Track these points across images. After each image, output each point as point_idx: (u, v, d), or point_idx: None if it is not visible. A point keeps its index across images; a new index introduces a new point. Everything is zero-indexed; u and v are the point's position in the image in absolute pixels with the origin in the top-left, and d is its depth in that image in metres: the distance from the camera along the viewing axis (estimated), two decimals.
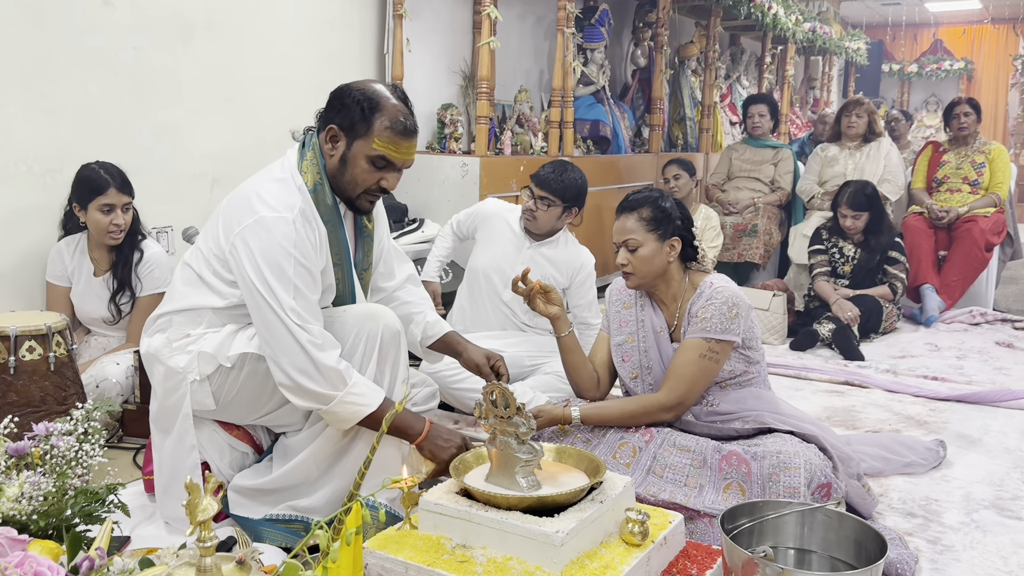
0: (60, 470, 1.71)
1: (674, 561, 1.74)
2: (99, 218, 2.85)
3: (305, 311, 1.92)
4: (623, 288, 2.47)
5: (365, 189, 2.04)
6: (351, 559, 1.38)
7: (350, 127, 2.00)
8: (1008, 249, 5.31)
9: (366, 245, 2.22)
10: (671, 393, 2.26)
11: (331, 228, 2.06)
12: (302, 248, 1.94)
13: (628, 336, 2.42)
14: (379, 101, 1.99)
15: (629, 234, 2.31)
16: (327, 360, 1.90)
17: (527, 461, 1.70)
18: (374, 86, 2.03)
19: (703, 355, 2.24)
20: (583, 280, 3.19)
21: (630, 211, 2.33)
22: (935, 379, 3.75)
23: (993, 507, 2.42)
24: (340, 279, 2.11)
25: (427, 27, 4.64)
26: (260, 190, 2.01)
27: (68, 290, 2.98)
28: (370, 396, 1.93)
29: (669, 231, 2.31)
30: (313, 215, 2.01)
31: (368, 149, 1.99)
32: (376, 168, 2.02)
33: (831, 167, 5.20)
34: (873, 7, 12.49)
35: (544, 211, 3.09)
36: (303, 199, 2.00)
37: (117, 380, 2.76)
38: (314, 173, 2.04)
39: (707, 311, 2.25)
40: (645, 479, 2.13)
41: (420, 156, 4.38)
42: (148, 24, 3.34)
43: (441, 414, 3.08)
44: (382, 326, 2.01)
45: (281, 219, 1.94)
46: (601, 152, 5.52)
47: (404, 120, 2.00)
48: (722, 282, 2.31)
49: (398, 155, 2.01)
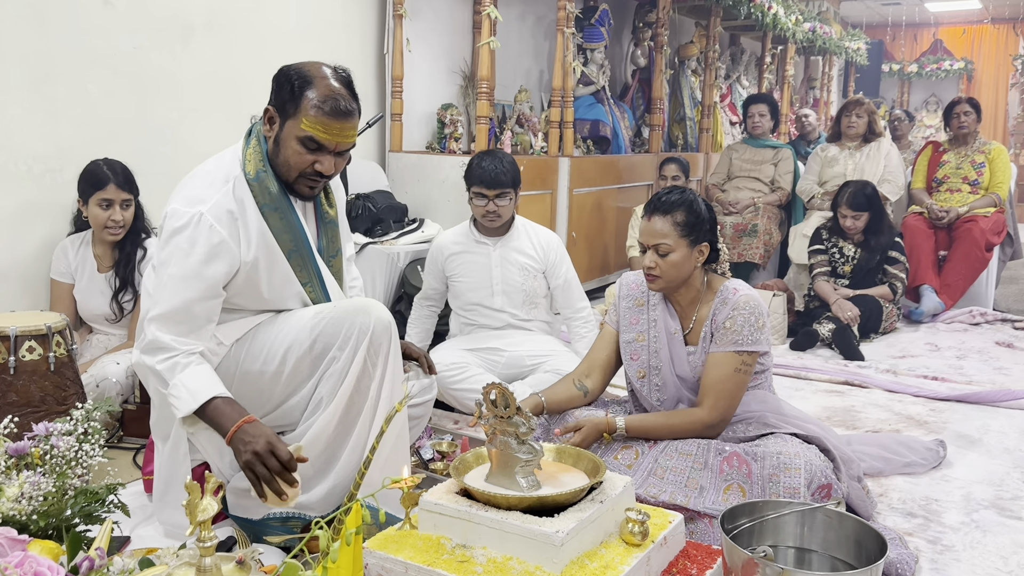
0: (60, 470, 1.72)
1: (674, 561, 1.74)
2: (97, 212, 2.87)
3: (168, 315, 1.91)
4: (634, 284, 2.43)
5: (300, 173, 1.97)
6: (351, 559, 1.38)
7: (282, 107, 1.94)
8: (1008, 249, 5.31)
9: (330, 231, 2.17)
10: (714, 411, 2.21)
11: (279, 216, 2.00)
12: (201, 242, 1.90)
13: (638, 335, 2.38)
14: (311, 79, 1.91)
15: (662, 238, 2.23)
16: (154, 361, 1.90)
17: (527, 461, 1.70)
18: (311, 65, 1.96)
19: (738, 369, 2.20)
20: (556, 258, 3.17)
21: (664, 214, 2.24)
22: (935, 379, 3.75)
23: (993, 507, 2.42)
24: (300, 266, 2.06)
25: (427, 27, 4.64)
26: (185, 182, 2.01)
27: (71, 287, 2.99)
28: (181, 404, 1.88)
29: (700, 236, 2.25)
30: (241, 207, 1.97)
31: (297, 129, 1.92)
32: (308, 150, 1.94)
33: (831, 167, 5.20)
34: (873, 7, 12.49)
35: (505, 205, 3.07)
36: (227, 191, 1.96)
37: (117, 380, 2.76)
38: (257, 160, 1.99)
39: (735, 322, 2.21)
40: (646, 480, 2.13)
41: (420, 156, 4.42)
42: (148, 24, 3.34)
43: (441, 414, 3.08)
44: (374, 319, 1.98)
45: (188, 212, 1.92)
46: (601, 152, 5.53)
47: (336, 99, 1.91)
48: (745, 289, 2.27)
49: (327, 136, 1.92)
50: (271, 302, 2.08)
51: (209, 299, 1.95)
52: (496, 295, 3.16)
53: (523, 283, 3.15)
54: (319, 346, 1.99)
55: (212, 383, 1.91)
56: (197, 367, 1.91)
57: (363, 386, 1.99)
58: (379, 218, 4.00)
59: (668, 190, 2.30)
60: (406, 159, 4.40)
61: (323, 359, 1.99)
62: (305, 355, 2.00)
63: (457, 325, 3.30)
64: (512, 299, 3.16)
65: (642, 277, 2.38)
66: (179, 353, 1.91)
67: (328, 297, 2.14)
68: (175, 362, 1.90)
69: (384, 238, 3.95)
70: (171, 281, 1.91)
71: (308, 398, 2.03)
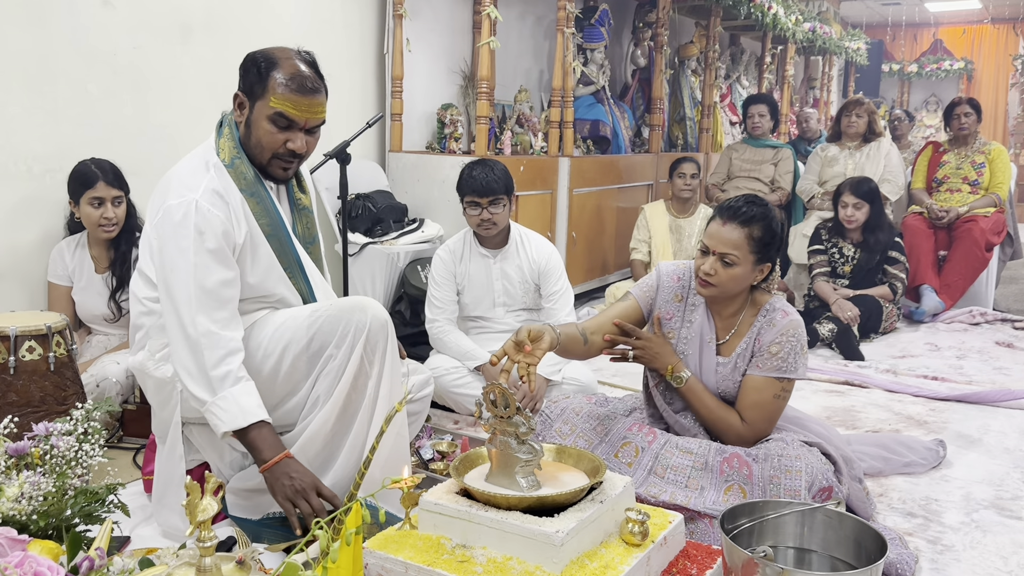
0: (60, 470, 1.71)
1: (674, 561, 1.74)
2: (90, 212, 2.86)
3: (204, 302, 1.90)
4: (675, 277, 2.33)
5: (274, 153, 2.01)
6: (351, 559, 1.38)
7: (250, 90, 1.99)
8: (1008, 249, 5.31)
9: (305, 218, 2.20)
10: (752, 430, 2.19)
11: (256, 200, 2.03)
12: (206, 228, 1.92)
13: (669, 331, 2.31)
14: (277, 60, 1.96)
15: (732, 249, 2.13)
16: (207, 361, 1.89)
17: (527, 461, 1.69)
18: (276, 48, 2.01)
19: (777, 395, 2.18)
20: (552, 267, 3.15)
21: (742, 224, 2.13)
22: (935, 379, 3.75)
23: (993, 507, 2.42)
24: (279, 250, 2.08)
25: (427, 27, 4.64)
26: (170, 177, 2.02)
27: (69, 289, 2.99)
28: (228, 417, 1.88)
29: (768, 256, 2.17)
30: (227, 189, 1.99)
31: (267, 108, 1.96)
32: (278, 128, 1.98)
33: (831, 167, 5.20)
34: (873, 7, 12.49)
35: (499, 212, 3.06)
36: (213, 176, 1.98)
37: (117, 380, 2.76)
38: (230, 148, 2.02)
39: (782, 348, 2.17)
40: (646, 479, 2.13)
41: (420, 156, 4.42)
42: (148, 24, 3.34)
43: (441, 414, 3.08)
44: (370, 316, 1.98)
45: (184, 203, 1.93)
46: (601, 152, 5.52)
47: (302, 77, 1.96)
48: (793, 313, 2.21)
49: (297, 112, 1.96)
50: (256, 287, 2.07)
51: (232, 276, 1.97)
52: (497, 306, 3.17)
53: (523, 296, 3.16)
54: (316, 344, 1.99)
55: (260, 405, 1.92)
56: (248, 383, 1.92)
57: (360, 384, 1.99)
58: (379, 218, 4.00)
59: (749, 199, 2.18)
60: (406, 159, 4.40)
61: (320, 357, 1.99)
62: (302, 353, 2.00)
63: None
64: (513, 310, 3.18)
65: (683, 270, 2.33)
66: (233, 355, 1.91)
67: (308, 283, 2.15)
68: (228, 371, 1.90)
69: (384, 238, 3.95)
70: (194, 270, 1.91)
71: (306, 398, 2.03)
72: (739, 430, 2.20)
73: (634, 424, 2.28)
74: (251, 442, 1.90)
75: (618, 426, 2.27)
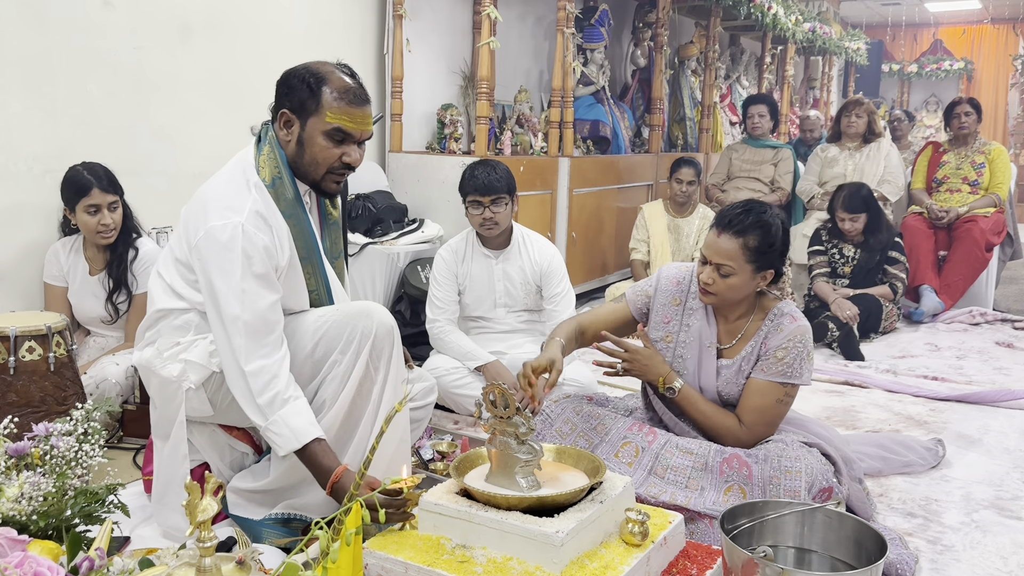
0: (60, 470, 1.71)
1: (674, 561, 1.74)
2: (87, 219, 2.84)
3: (252, 330, 1.88)
4: (675, 281, 2.33)
5: (329, 168, 2.00)
6: (351, 559, 1.38)
7: (301, 107, 1.97)
8: (1008, 249, 5.31)
9: (332, 233, 2.19)
10: (751, 434, 2.18)
11: (294, 223, 2.02)
12: (253, 252, 1.90)
13: (666, 335, 2.31)
14: (324, 75, 1.95)
15: (726, 260, 2.12)
16: (254, 388, 1.87)
17: (527, 461, 1.70)
18: (317, 63, 2.00)
19: (779, 400, 2.18)
20: (554, 269, 3.15)
21: (735, 235, 2.12)
22: (935, 379, 3.75)
23: (993, 507, 2.42)
24: (311, 274, 2.07)
25: (427, 27, 4.64)
26: (211, 195, 1.98)
27: (65, 290, 2.98)
28: (283, 441, 1.87)
29: (768, 263, 2.15)
30: (270, 212, 1.97)
31: (322, 124, 1.95)
32: (335, 143, 1.98)
33: (831, 167, 5.20)
34: (873, 7, 12.49)
35: (502, 212, 3.05)
36: (256, 197, 1.96)
37: (117, 380, 2.76)
38: (272, 167, 2.00)
39: (789, 353, 2.16)
40: (646, 480, 2.13)
41: (420, 156, 4.42)
42: (148, 24, 3.34)
43: (441, 414, 3.08)
44: (376, 323, 1.98)
45: (229, 225, 1.90)
46: (601, 152, 5.53)
47: (353, 89, 1.96)
48: (801, 319, 2.20)
49: (353, 125, 1.97)
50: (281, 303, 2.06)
51: (278, 298, 1.95)
52: (498, 307, 3.17)
53: (524, 297, 3.16)
54: (321, 350, 1.99)
55: (312, 422, 1.90)
56: (296, 402, 1.90)
57: (365, 390, 1.99)
58: (379, 218, 4.01)
59: (746, 207, 2.16)
60: (406, 159, 4.41)
61: (325, 362, 1.99)
62: (307, 359, 2.00)
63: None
64: (514, 310, 3.18)
65: (683, 274, 2.33)
66: (277, 377, 1.89)
67: (332, 301, 2.14)
68: (274, 395, 1.88)
69: (384, 238, 3.95)
70: (243, 296, 1.89)
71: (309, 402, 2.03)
72: (737, 434, 2.20)
73: (634, 424, 2.27)
74: (308, 463, 1.89)
75: (618, 426, 2.27)
